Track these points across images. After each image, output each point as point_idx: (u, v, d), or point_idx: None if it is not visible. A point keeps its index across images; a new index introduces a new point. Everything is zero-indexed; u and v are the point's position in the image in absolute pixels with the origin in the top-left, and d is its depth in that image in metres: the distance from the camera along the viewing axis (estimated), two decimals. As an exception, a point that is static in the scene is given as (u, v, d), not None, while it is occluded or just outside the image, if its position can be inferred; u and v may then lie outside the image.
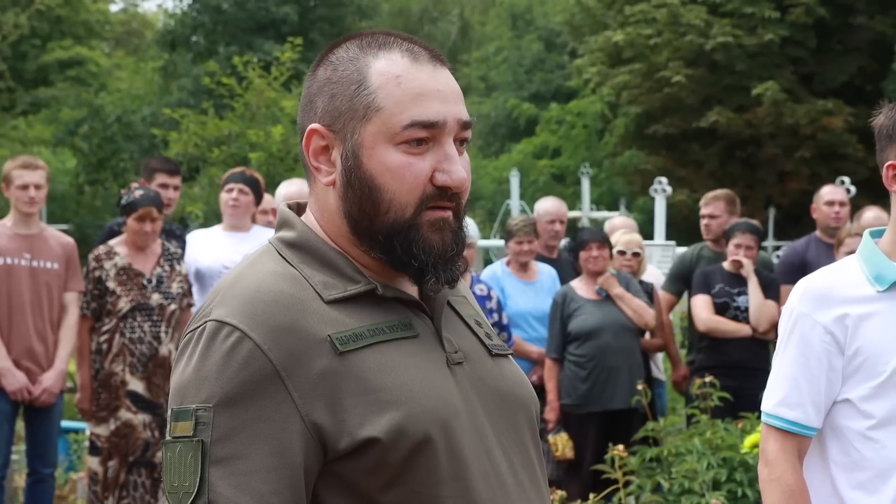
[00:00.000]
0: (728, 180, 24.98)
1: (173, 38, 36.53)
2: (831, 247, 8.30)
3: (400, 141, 2.05)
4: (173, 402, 1.99)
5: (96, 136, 30.37)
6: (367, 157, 2.05)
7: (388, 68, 2.07)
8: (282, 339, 1.96)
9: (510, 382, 2.20)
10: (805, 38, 24.37)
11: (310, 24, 35.67)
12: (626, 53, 25.87)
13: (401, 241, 2.06)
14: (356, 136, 2.06)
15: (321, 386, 1.96)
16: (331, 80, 2.10)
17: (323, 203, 2.13)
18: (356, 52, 2.10)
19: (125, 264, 7.38)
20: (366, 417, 1.96)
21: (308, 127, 2.11)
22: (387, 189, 2.05)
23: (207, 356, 1.97)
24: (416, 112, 2.05)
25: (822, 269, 3.46)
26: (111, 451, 7.27)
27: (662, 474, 6.31)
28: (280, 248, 2.11)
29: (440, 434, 1.99)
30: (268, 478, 1.92)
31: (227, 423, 1.93)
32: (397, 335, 2.06)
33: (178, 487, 1.94)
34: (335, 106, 2.08)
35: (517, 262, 8.50)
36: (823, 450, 3.34)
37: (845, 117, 23.75)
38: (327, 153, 2.10)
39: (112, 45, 51.61)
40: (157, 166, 8.40)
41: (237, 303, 1.99)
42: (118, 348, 7.29)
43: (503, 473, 2.08)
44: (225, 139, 16.23)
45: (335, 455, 1.96)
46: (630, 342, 7.99)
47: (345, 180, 2.07)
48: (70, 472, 9.72)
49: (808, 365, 3.29)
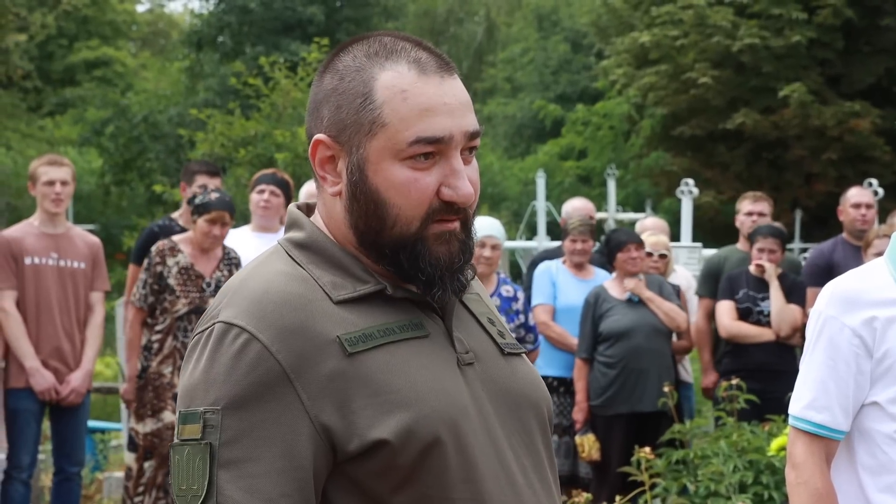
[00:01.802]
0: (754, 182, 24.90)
1: (199, 38, 36.58)
2: (858, 249, 8.27)
3: (405, 157, 2.03)
4: (181, 406, 1.99)
5: (122, 137, 30.50)
6: (372, 173, 2.04)
7: (395, 82, 2.04)
8: (290, 340, 1.95)
9: (522, 382, 2.18)
10: (832, 40, 24.26)
11: (336, 25, 35.69)
12: (653, 55, 25.80)
13: (407, 255, 2.05)
14: (361, 150, 2.04)
15: (330, 387, 1.95)
16: (337, 91, 2.08)
17: (331, 210, 2.12)
18: (363, 62, 2.07)
19: (187, 264, 7.31)
20: (375, 419, 1.95)
21: (314, 136, 2.10)
22: (392, 204, 2.03)
23: (216, 358, 1.96)
24: (422, 128, 2.03)
25: (850, 271, 3.45)
26: (149, 450, 7.26)
27: (689, 476, 6.30)
28: (289, 248, 2.11)
29: (450, 436, 1.98)
30: (277, 480, 1.91)
31: (235, 426, 1.92)
32: (407, 335, 2.05)
33: (187, 491, 1.93)
34: (341, 118, 2.06)
35: (572, 262, 8.49)
36: (851, 453, 3.33)
37: (872, 119, 23.64)
38: (333, 163, 2.09)
39: (138, 45, 51.78)
40: (197, 168, 8.43)
41: (246, 304, 1.99)
42: (169, 350, 7.25)
43: (514, 475, 2.07)
44: (251, 140, 16.23)
45: (345, 457, 1.95)
46: (661, 345, 7.98)
47: (350, 193, 2.06)
48: (96, 471, 9.76)
49: (836, 368, 3.28)
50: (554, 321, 8.37)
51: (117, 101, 32.58)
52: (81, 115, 38.16)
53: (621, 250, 8.02)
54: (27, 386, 7.41)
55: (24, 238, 7.50)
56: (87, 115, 36.45)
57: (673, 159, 27.84)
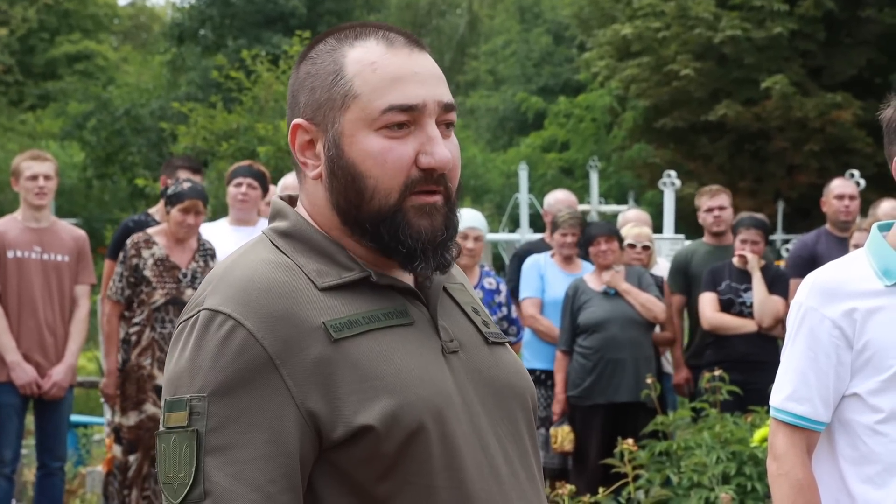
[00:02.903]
0: (737, 174, 24.97)
1: (181, 31, 36.50)
2: (841, 240, 8.29)
3: (379, 126, 2.05)
4: (167, 394, 1.99)
5: (104, 130, 30.40)
6: (347, 145, 2.06)
7: (364, 56, 2.07)
8: (276, 327, 1.96)
9: (506, 371, 2.19)
10: (814, 31, 24.30)
11: (318, 18, 35.64)
12: (635, 47, 25.82)
13: (387, 227, 2.05)
14: (336, 125, 2.06)
15: (316, 373, 1.95)
16: (310, 74, 2.11)
17: (313, 197, 2.13)
18: (333, 45, 2.11)
19: (163, 255, 7.33)
20: (360, 405, 1.95)
21: (292, 122, 2.12)
22: (369, 175, 2.05)
23: (201, 346, 1.96)
24: (394, 96, 2.05)
25: (831, 263, 3.46)
26: (134, 443, 7.26)
27: (671, 468, 6.32)
28: (273, 237, 2.12)
29: (434, 423, 1.99)
30: (264, 466, 1.91)
31: (221, 413, 1.92)
32: (392, 322, 2.05)
33: (174, 478, 1.93)
34: (315, 98, 2.09)
35: (561, 255, 8.50)
36: (832, 444, 3.34)
37: (854, 111, 23.68)
38: (312, 147, 2.11)
39: (120, 38, 51.62)
40: (179, 163, 8.44)
41: (231, 292, 1.99)
42: (147, 342, 7.26)
43: (497, 463, 2.07)
44: (233, 133, 16.22)
45: (330, 443, 1.96)
46: (638, 336, 7.99)
47: (329, 171, 2.08)
48: (79, 466, 9.74)
49: (817, 359, 3.29)
50: (542, 314, 8.39)
51: (99, 95, 32.46)
52: (63, 109, 38.01)
53: (591, 244, 8.05)
54: (9, 380, 7.40)
55: (7, 232, 7.49)
56: (69, 109, 36.31)
57: (655, 151, 27.86)
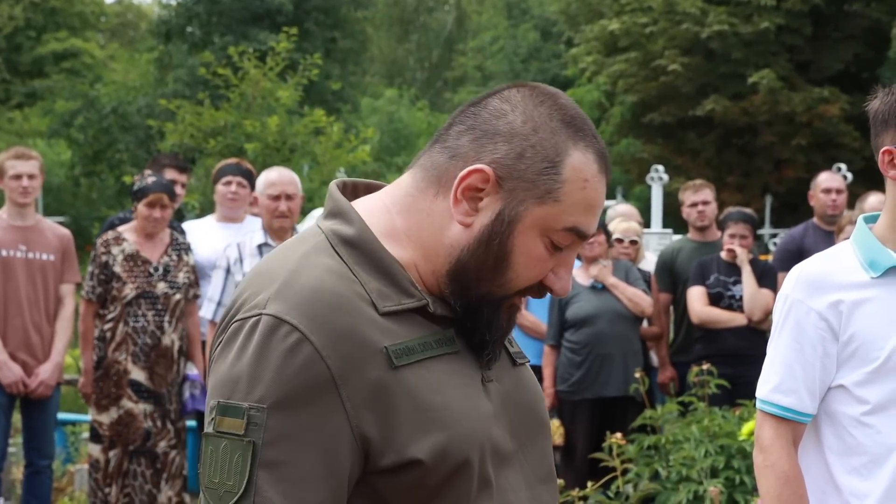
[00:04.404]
0: (724, 168, 25.01)
1: (168, 28, 36.45)
2: (829, 234, 8.30)
3: (548, 235, 2.02)
4: (219, 395, 1.93)
5: (92, 128, 30.32)
6: (518, 233, 2.01)
7: (582, 168, 2.01)
8: (340, 345, 1.91)
9: (530, 394, 2.19)
10: (801, 26, 24.36)
11: (305, 14, 35.61)
12: (622, 42, 25.86)
13: (488, 312, 2.04)
14: (522, 207, 2.00)
15: (373, 398, 1.92)
16: (525, 138, 2.01)
17: (428, 222, 2.06)
18: (558, 125, 2.01)
19: (133, 251, 7.36)
20: (412, 436, 1.92)
21: (478, 164, 2.01)
22: (514, 270, 2.02)
23: (264, 354, 1.90)
24: (581, 221, 2.02)
25: (817, 255, 3.46)
26: (113, 440, 7.26)
27: (660, 462, 6.32)
28: (335, 243, 2.04)
29: (477, 457, 1.98)
30: (315, 486, 1.89)
31: (279, 427, 1.88)
32: (442, 350, 2.02)
33: (220, 484, 1.90)
34: (519, 168, 2.00)
35: None
36: (818, 436, 3.34)
37: (841, 105, 23.75)
38: (478, 195, 2.02)
39: (107, 36, 51.56)
40: (166, 162, 8.44)
41: (297, 300, 1.93)
42: (121, 336, 7.26)
43: (519, 490, 2.08)
44: (221, 130, 16.19)
45: (375, 468, 1.93)
46: (626, 330, 7.99)
47: (483, 236, 2.01)
48: (68, 464, 9.71)
49: (803, 351, 3.29)
50: (527, 310, 8.39)
51: (86, 93, 32.38)
52: (50, 107, 37.96)
53: None
54: (-5, 379, 7.38)
55: (-8, 230, 7.47)
56: (56, 107, 36.25)
57: (643, 146, 27.91)
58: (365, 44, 41.61)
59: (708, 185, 9.02)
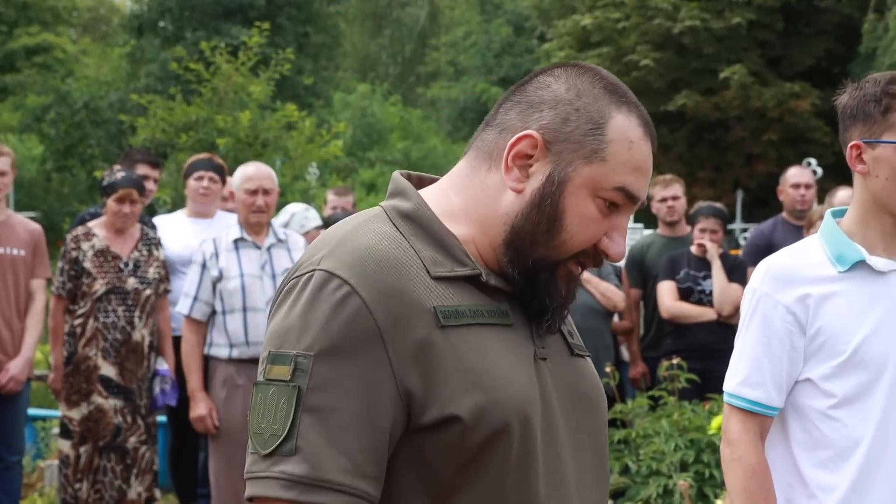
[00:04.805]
0: (696, 163, 25.06)
1: (140, 23, 36.35)
2: (798, 228, 8.33)
3: (600, 196, 2.07)
4: (271, 345, 1.99)
5: (63, 123, 30.25)
6: (569, 193, 2.07)
7: (626, 129, 2.09)
8: (388, 301, 1.96)
9: (587, 384, 2.22)
10: (772, 21, 24.41)
11: (277, 9, 35.54)
12: (595, 37, 25.88)
13: (545, 277, 2.09)
14: (571, 168, 2.07)
15: (419, 355, 1.96)
16: (570, 103, 2.10)
17: (483, 195, 2.13)
18: (601, 92, 2.11)
19: (103, 246, 7.34)
20: (454, 393, 1.96)
21: (526, 131, 2.09)
22: (567, 230, 2.07)
23: (314, 305, 1.97)
24: (630, 181, 2.08)
25: (784, 249, 3.48)
26: (84, 436, 7.24)
27: (630, 456, 6.34)
28: (393, 216, 2.12)
29: (518, 425, 2.01)
30: (357, 435, 1.93)
31: (324, 374, 1.94)
32: (494, 321, 2.07)
33: (266, 429, 1.95)
34: (565, 130, 2.08)
35: None
36: (785, 429, 3.36)
37: (812, 100, 23.81)
38: (528, 162, 2.09)
39: (79, 31, 51.34)
40: (138, 157, 8.43)
41: (349, 259, 1.99)
42: (91, 332, 7.24)
43: (567, 472, 2.10)
44: (193, 125, 16.15)
45: (417, 425, 1.97)
46: (598, 324, 8.00)
47: (535, 199, 2.08)
48: (38, 459, 9.69)
49: (770, 345, 3.31)
50: None
51: (58, 88, 32.30)
52: (22, 102, 37.80)
53: None
54: (-35, 375, 7.35)
55: (-38, 225, 7.44)
56: (28, 102, 36.12)
57: (615, 141, 27.91)
58: (337, 39, 41.58)
59: (677, 179, 9.04)
